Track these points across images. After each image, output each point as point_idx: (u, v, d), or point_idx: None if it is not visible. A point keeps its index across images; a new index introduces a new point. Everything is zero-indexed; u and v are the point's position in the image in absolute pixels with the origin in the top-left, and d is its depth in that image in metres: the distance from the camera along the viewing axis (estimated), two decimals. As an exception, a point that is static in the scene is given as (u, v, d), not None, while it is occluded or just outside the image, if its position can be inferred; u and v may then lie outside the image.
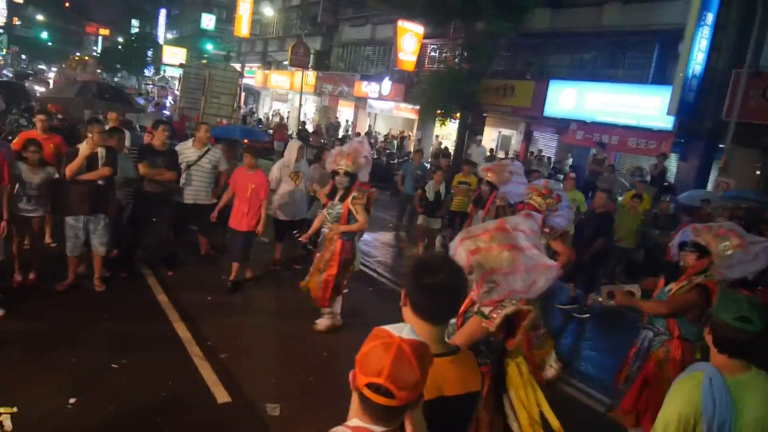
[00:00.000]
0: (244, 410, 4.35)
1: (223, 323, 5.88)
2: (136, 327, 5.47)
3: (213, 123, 13.24)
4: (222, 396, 4.45)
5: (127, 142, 7.28)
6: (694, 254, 4.11)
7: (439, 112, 18.11)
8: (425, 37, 21.46)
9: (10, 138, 8.72)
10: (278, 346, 5.66)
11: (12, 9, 60.96)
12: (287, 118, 28.77)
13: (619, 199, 11.68)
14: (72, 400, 4.10)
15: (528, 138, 19.56)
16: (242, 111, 27.96)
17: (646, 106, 14.68)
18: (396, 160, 18.66)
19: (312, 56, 27.83)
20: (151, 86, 43.57)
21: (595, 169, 13.82)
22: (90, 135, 5.75)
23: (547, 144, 19.25)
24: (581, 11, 17.05)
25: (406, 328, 1.54)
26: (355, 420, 1.55)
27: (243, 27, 35.36)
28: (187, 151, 7.10)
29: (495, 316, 2.73)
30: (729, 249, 4.03)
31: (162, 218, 6.88)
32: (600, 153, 14.23)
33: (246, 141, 10.77)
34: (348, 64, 28.42)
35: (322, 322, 5.92)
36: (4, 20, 58.76)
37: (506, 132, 21.01)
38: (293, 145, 7.84)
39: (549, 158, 18.03)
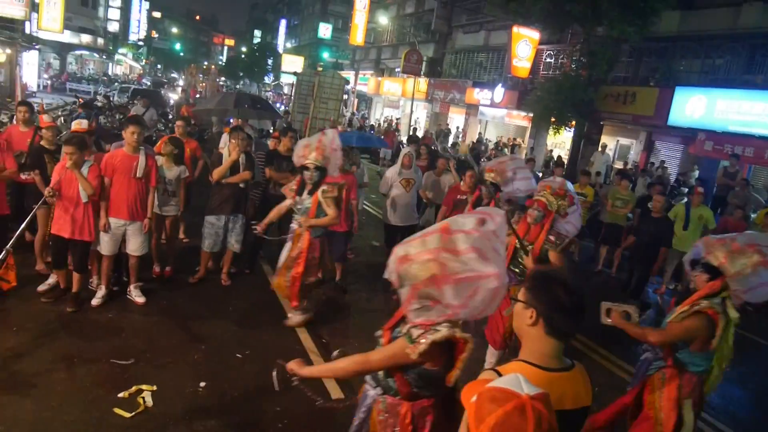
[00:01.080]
0: (355, 408, 4.48)
1: (337, 322, 6.13)
2: (258, 320, 5.83)
3: (322, 127, 13.77)
4: (335, 392, 4.61)
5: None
6: (705, 275, 3.52)
7: (553, 120, 17.60)
8: (541, 42, 20.93)
9: (153, 139, 9.56)
10: (388, 349, 5.77)
11: (151, 23, 66.96)
12: (398, 124, 29.21)
13: (753, 216, 10.74)
14: (202, 384, 4.46)
15: (649, 148, 18.48)
16: (352, 115, 28.77)
17: (788, 116, 13.38)
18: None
19: (424, 63, 28.07)
20: (270, 92, 45.96)
21: (726, 183, 12.74)
22: (235, 142, 6.22)
23: (670, 155, 18.07)
24: (715, 12, 15.85)
25: (522, 380, 1.40)
26: None
27: (358, 35, 36.40)
28: (307, 156, 7.44)
29: (422, 341, 2.29)
30: (748, 268, 3.37)
31: (283, 219, 7.27)
32: (732, 166, 13.13)
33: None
34: (460, 71, 28.35)
35: (293, 318, 5.80)
36: (145, 33, 64.68)
37: (625, 141, 20.00)
38: (402, 152, 8.01)
39: (655, 166, 16.90)
